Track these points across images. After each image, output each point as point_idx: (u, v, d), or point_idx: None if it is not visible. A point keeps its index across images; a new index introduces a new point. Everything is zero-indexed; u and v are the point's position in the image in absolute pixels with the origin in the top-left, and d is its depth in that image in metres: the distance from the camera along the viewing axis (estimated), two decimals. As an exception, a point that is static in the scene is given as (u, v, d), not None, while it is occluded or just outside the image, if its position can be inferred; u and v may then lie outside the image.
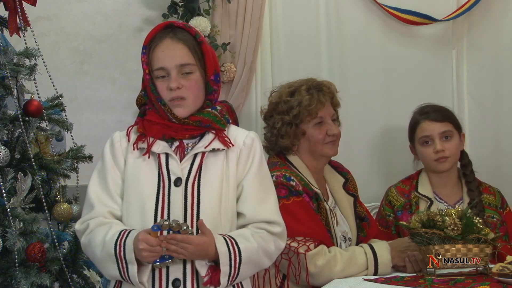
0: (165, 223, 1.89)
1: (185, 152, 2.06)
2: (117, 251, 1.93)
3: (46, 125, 2.62)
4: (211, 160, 2.05)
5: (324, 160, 2.78)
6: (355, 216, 2.79)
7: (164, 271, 1.98)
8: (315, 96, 2.69)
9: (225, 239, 1.96)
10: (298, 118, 2.68)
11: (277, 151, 2.76)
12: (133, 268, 1.92)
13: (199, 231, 1.95)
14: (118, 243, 1.93)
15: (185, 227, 1.91)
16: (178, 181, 2.01)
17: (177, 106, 2.05)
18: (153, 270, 1.97)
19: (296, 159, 2.74)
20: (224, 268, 1.94)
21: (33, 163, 2.46)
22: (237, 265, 1.95)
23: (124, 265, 1.93)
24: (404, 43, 3.66)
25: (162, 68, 2.04)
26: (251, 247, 1.98)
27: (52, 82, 2.65)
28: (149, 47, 2.07)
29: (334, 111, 2.77)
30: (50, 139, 2.64)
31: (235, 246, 1.95)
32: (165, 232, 1.92)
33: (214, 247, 1.93)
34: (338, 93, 2.81)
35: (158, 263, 1.94)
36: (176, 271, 1.98)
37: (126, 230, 1.97)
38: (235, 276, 1.96)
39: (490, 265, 2.34)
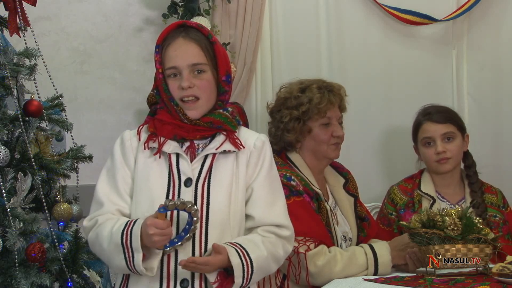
0: (170, 203, 1.89)
1: (196, 153, 2.06)
2: (124, 240, 1.92)
3: (46, 125, 2.62)
4: (222, 162, 2.05)
5: (325, 162, 2.78)
6: (355, 216, 2.79)
7: (172, 271, 1.97)
8: (325, 96, 2.70)
9: (236, 250, 1.96)
10: (307, 115, 2.68)
11: (280, 146, 2.75)
12: (138, 256, 1.91)
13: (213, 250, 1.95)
14: (125, 232, 1.93)
15: (189, 205, 1.91)
16: (188, 182, 2.01)
17: (190, 109, 2.04)
18: (161, 270, 1.97)
19: (297, 157, 2.74)
20: (238, 280, 1.95)
21: (33, 163, 2.46)
22: (249, 276, 1.96)
23: (130, 254, 1.92)
24: (404, 43, 3.66)
25: (174, 67, 2.04)
26: (261, 255, 1.99)
27: (52, 82, 2.65)
28: (162, 46, 2.07)
29: (340, 114, 2.78)
30: (50, 139, 2.64)
31: (247, 257, 1.96)
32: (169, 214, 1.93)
33: (227, 260, 1.94)
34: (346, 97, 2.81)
35: (168, 248, 1.94)
36: (184, 272, 1.97)
37: (132, 220, 1.97)
38: (246, 285, 1.98)
39: (490, 265, 2.34)
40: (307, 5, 3.62)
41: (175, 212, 1.97)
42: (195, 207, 1.92)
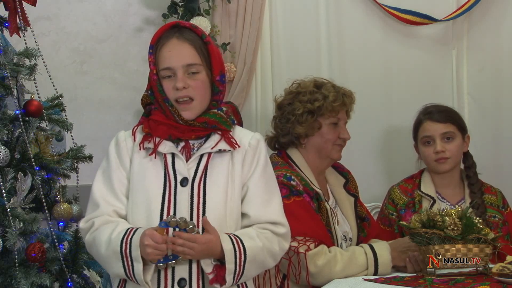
0: (172, 219, 1.90)
1: (191, 153, 2.07)
2: (123, 248, 1.93)
3: (46, 125, 2.62)
4: (217, 161, 2.05)
5: (327, 162, 2.78)
6: (355, 216, 2.79)
7: (169, 270, 1.98)
8: (340, 96, 2.72)
9: (230, 237, 1.96)
10: (320, 110, 2.69)
11: (288, 139, 2.74)
12: (138, 266, 1.92)
13: (204, 230, 1.95)
14: (125, 240, 1.93)
15: (191, 225, 1.91)
16: (184, 181, 2.01)
17: (184, 110, 2.04)
18: (158, 270, 1.97)
19: (299, 156, 2.74)
20: (230, 266, 1.94)
21: (33, 163, 2.46)
22: (242, 263, 1.95)
23: (130, 263, 1.93)
24: (404, 43, 3.66)
25: (168, 68, 2.04)
26: (256, 245, 1.98)
27: (52, 82, 2.66)
28: (155, 47, 2.07)
29: (347, 119, 2.80)
30: (50, 139, 2.64)
31: (240, 244, 1.96)
32: (171, 230, 1.93)
33: (219, 245, 1.94)
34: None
35: (161, 263, 1.94)
36: (182, 271, 1.98)
37: (132, 228, 1.97)
38: (240, 274, 1.97)
39: (490, 265, 2.34)
40: (307, 5, 3.62)
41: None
42: (197, 229, 1.93)
